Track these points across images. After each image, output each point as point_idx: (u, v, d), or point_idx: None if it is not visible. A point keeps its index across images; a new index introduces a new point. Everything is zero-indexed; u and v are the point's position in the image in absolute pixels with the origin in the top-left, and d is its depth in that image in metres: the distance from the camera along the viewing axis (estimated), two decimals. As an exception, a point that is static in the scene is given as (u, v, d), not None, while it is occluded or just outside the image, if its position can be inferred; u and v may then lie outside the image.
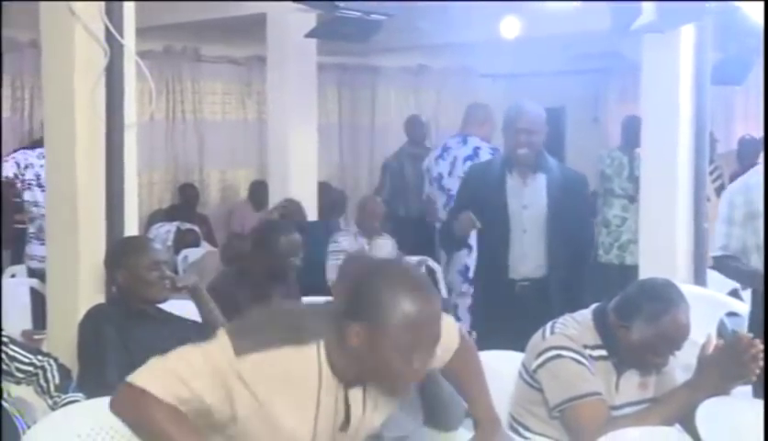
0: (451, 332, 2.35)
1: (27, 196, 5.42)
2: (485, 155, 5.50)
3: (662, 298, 2.77)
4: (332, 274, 5.52)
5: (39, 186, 5.33)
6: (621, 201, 6.39)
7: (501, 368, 2.93)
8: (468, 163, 5.41)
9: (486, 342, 3.03)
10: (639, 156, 6.51)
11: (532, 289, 4.02)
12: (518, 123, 4.08)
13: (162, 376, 1.97)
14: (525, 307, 3.91)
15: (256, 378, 1.94)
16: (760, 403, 2.72)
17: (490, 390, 2.51)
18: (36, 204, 5.38)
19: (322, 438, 2.05)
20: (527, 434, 2.86)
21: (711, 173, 6.43)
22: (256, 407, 1.96)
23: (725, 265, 3.54)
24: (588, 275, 4.24)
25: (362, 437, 2.13)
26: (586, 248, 4.39)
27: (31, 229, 5.43)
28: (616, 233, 6.39)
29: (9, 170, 5.35)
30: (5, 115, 7.03)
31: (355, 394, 2.05)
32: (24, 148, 6.04)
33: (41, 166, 5.34)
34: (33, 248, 5.41)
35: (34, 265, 5.35)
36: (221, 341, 1.98)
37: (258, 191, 7.74)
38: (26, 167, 5.38)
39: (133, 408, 1.98)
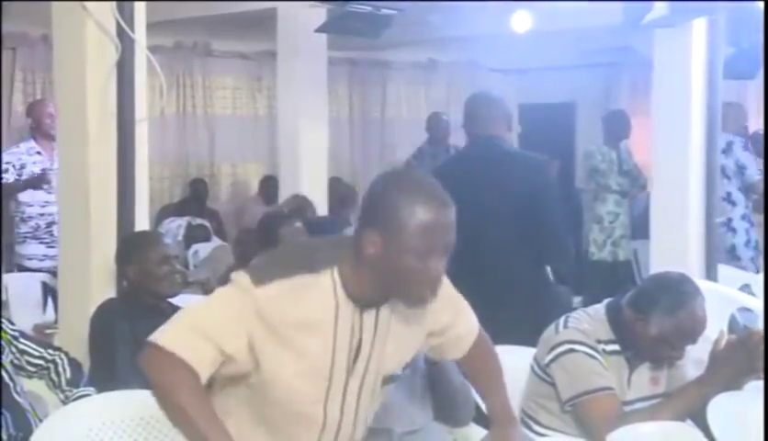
0: (471, 319, 2.34)
1: (21, 197, 5.37)
2: None
3: (679, 291, 2.77)
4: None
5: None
6: (615, 196, 6.37)
7: (512, 363, 2.92)
8: None
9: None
10: (626, 150, 6.54)
11: None
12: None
13: (184, 334, 1.99)
14: None
15: (275, 309, 1.97)
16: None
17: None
18: (30, 204, 5.34)
19: (339, 366, 2.06)
20: (539, 428, 2.86)
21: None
22: (276, 342, 1.98)
23: None
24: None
25: (373, 373, 2.12)
26: None
27: (26, 229, 5.36)
28: (609, 230, 6.37)
29: (9, 176, 5.30)
30: (16, 109, 7.05)
31: (368, 318, 2.06)
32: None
33: (34, 163, 5.35)
34: (30, 248, 5.35)
35: (34, 264, 5.30)
36: (240, 278, 2.01)
37: (269, 186, 7.75)
38: (21, 167, 5.34)
39: (158, 372, 2.00)
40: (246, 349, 1.99)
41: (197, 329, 1.99)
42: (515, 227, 3.69)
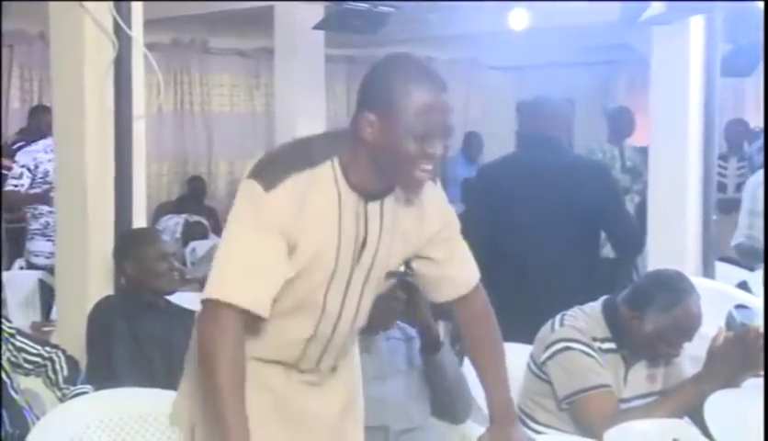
0: (470, 269, 2.29)
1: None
2: None
3: (674, 288, 2.77)
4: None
5: (48, 182, 5.30)
6: None
7: (509, 360, 2.92)
8: None
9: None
10: (630, 147, 6.53)
11: None
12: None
13: (236, 281, 1.97)
14: None
15: (288, 208, 1.97)
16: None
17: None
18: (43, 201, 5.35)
19: (345, 258, 2.06)
20: (536, 426, 2.86)
21: (739, 168, 6.43)
22: (291, 236, 1.99)
23: (744, 251, 3.53)
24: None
25: (378, 268, 2.12)
26: None
27: (35, 225, 5.37)
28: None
29: (25, 179, 5.30)
30: (13, 106, 7.05)
31: (373, 209, 2.07)
32: (20, 143, 5.96)
33: (50, 161, 5.33)
34: (38, 244, 5.36)
35: (40, 261, 5.31)
36: (249, 187, 1.99)
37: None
38: (36, 167, 5.32)
39: (209, 333, 1.97)
40: (286, 255, 1.99)
41: (251, 269, 1.97)
42: (577, 228, 3.76)
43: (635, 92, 8.78)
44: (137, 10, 3.58)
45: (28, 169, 5.31)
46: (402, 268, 2.28)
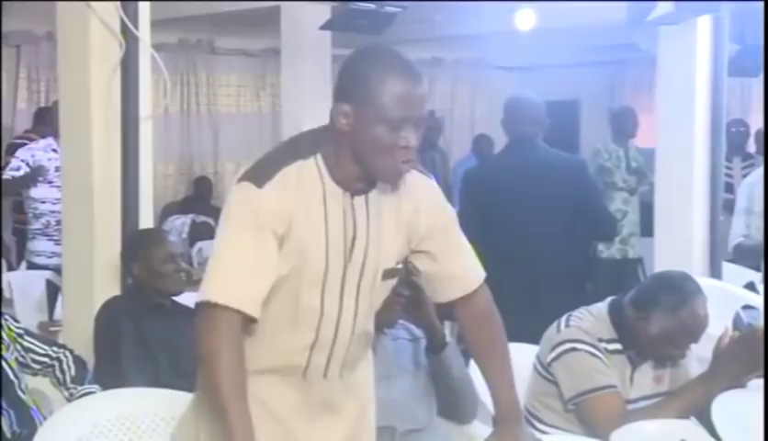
0: (474, 268, 2.27)
1: (33, 193, 5.37)
2: None
3: (680, 289, 2.77)
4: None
5: (48, 181, 5.31)
6: (622, 194, 6.35)
7: (515, 361, 2.92)
8: None
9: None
10: (634, 147, 6.52)
11: None
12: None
13: (228, 282, 1.98)
14: None
15: (278, 203, 1.99)
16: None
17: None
18: (43, 200, 5.34)
19: (336, 255, 2.06)
20: (542, 427, 2.86)
21: (744, 168, 6.41)
22: (283, 233, 2.00)
23: (745, 251, 3.54)
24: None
25: (372, 263, 2.11)
26: None
27: (36, 225, 5.37)
28: (618, 228, 6.35)
29: (22, 171, 5.29)
30: (21, 106, 7.07)
31: (359, 202, 2.08)
32: (20, 140, 5.97)
33: (49, 160, 5.35)
34: (39, 244, 5.36)
35: (42, 261, 5.31)
36: (241, 187, 2.02)
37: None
38: (34, 164, 5.32)
39: (205, 336, 1.98)
40: (277, 254, 2.00)
41: (239, 269, 1.98)
42: (561, 218, 4.05)
43: (641, 92, 8.77)
44: (144, 10, 3.58)
45: (27, 163, 5.33)
46: (402, 266, 2.27)
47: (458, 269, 2.24)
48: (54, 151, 5.36)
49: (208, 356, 1.97)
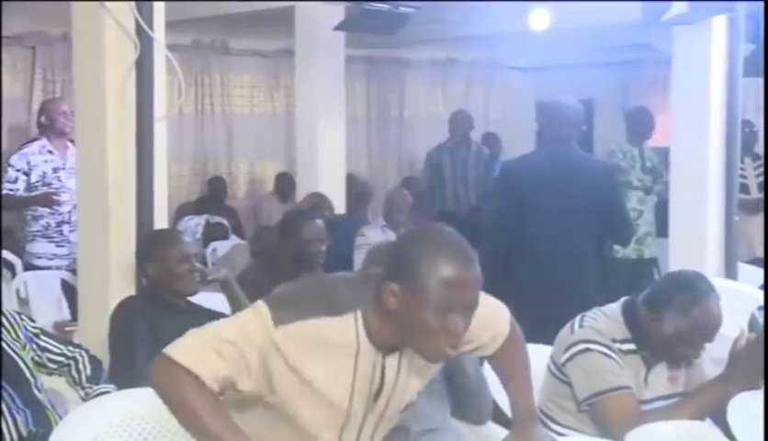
0: (501, 319, 2.32)
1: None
2: None
3: (693, 289, 2.76)
4: (359, 267, 5.52)
5: (46, 184, 5.26)
6: (638, 193, 6.32)
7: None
8: None
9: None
10: (649, 147, 6.50)
11: None
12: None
13: (197, 350, 1.97)
14: None
15: (294, 348, 1.96)
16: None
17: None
18: None
19: (358, 405, 2.06)
20: (556, 427, 2.86)
21: (756, 168, 6.38)
22: (293, 377, 1.98)
23: None
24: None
25: (393, 408, 2.13)
26: None
27: (36, 227, 5.30)
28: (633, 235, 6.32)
29: (20, 183, 5.23)
30: (36, 107, 7.08)
31: (391, 361, 2.06)
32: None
33: (45, 162, 5.32)
34: (39, 246, 5.30)
35: (43, 263, 5.26)
36: (260, 311, 2.00)
37: (284, 183, 7.77)
38: (31, 170, 5.27)
39: (166, 381, 1.99)
40: (258, 374, 1.98)
41: (212, 346, 1.97)
42: (585, 219, 4.21)
43: (656, 92, 8.73)
44: (159, 11, 3.59)
45: (24, 173, 5.26)
46: None
47: (490, 339, 2.27)
48: (50, 152, 5.34)
49: (167, 392, 1.98)
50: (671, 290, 2.79)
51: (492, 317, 2.28)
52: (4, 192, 5.26)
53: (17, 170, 5.28)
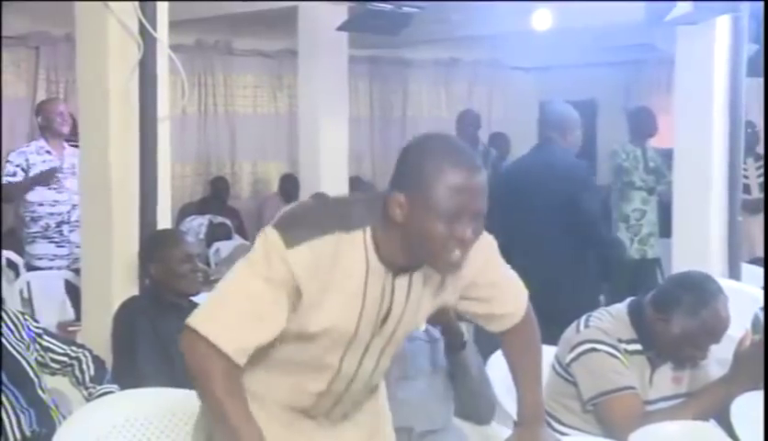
0: (519, 297, 2.27)
1: (30, 196, 5.29)
2: None
3: (701, 290, 2.75)
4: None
5: (45, 184, 5.27)
6: (641, 194, 6.33)
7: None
8: None
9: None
10: (652, 147, 6.50)
11: None
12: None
13: (227, 323, 1.94)
14: None
15: (307, 270, 1.92)
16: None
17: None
18: (41, 203, 5.28)
19: (365, 328, 2.03)
20: (561, 427, 2.85)
21: (759, 168, 6.38)
22: (306, 299, 1.94)
23: None
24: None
25: (401, 331, 2.10)
26: None
27: (35, 228, 5.30)
28: (636, 228, 6.31)
29: (18, 177, 5.24)
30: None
31: (401, 282, 2.02)
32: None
33: (44, 162, 5.33)
34: (40, 247, 5.30)
35: (44, 264, 5.27)
36: (271, 239, 1.94)
37: (288, 184, 7.77)
38: (29, 168, 5.29)
39: (197, 360, 1.96)
40: (284, 319, 1.95)
41: (237, 315, 1.94)
42: (558, 221, 4.36)
43: (659, 92, 8.72)
44: (162, 12, 3.59)
45: (22, 169, 5.29)
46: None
47: (505, 306, 2.23)
48: (48, 152, 5.35)
49: (202, 376, 1.95)
50: (679, 291, 2.78)
51: (507, 284, 2.23)
52: (4, 181, 5.29)
53: (17, 165, 5.32)
